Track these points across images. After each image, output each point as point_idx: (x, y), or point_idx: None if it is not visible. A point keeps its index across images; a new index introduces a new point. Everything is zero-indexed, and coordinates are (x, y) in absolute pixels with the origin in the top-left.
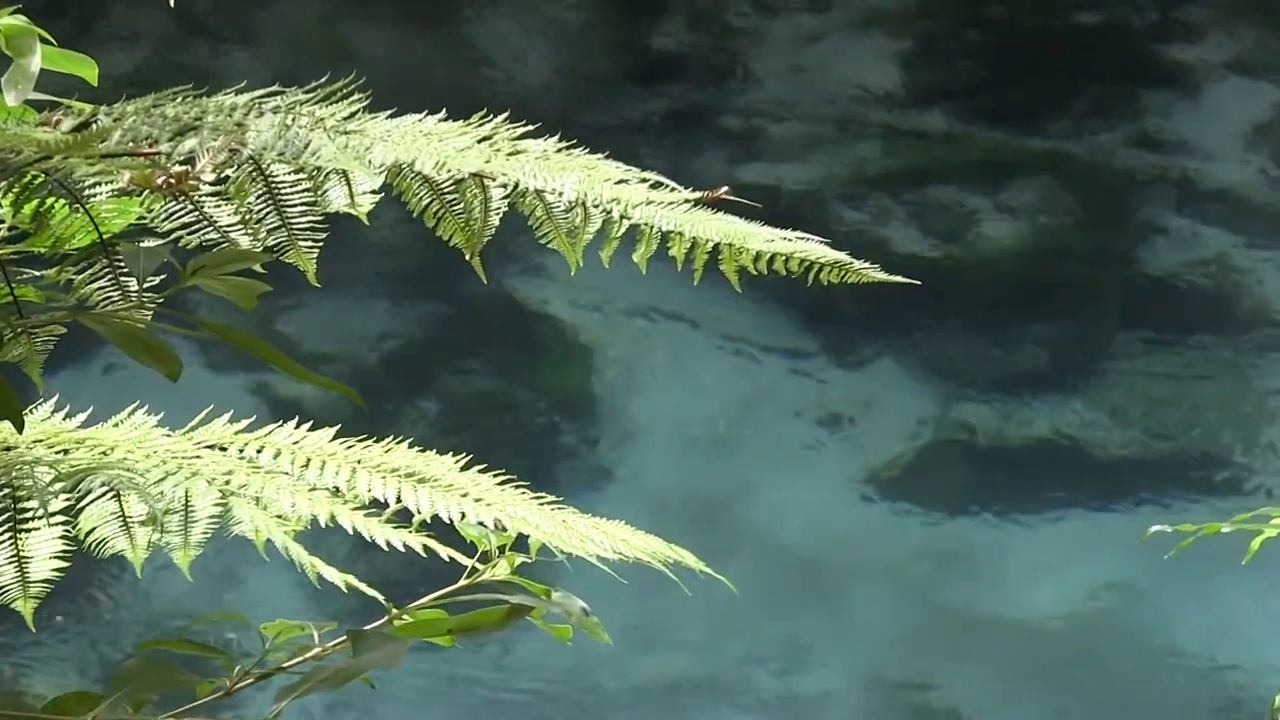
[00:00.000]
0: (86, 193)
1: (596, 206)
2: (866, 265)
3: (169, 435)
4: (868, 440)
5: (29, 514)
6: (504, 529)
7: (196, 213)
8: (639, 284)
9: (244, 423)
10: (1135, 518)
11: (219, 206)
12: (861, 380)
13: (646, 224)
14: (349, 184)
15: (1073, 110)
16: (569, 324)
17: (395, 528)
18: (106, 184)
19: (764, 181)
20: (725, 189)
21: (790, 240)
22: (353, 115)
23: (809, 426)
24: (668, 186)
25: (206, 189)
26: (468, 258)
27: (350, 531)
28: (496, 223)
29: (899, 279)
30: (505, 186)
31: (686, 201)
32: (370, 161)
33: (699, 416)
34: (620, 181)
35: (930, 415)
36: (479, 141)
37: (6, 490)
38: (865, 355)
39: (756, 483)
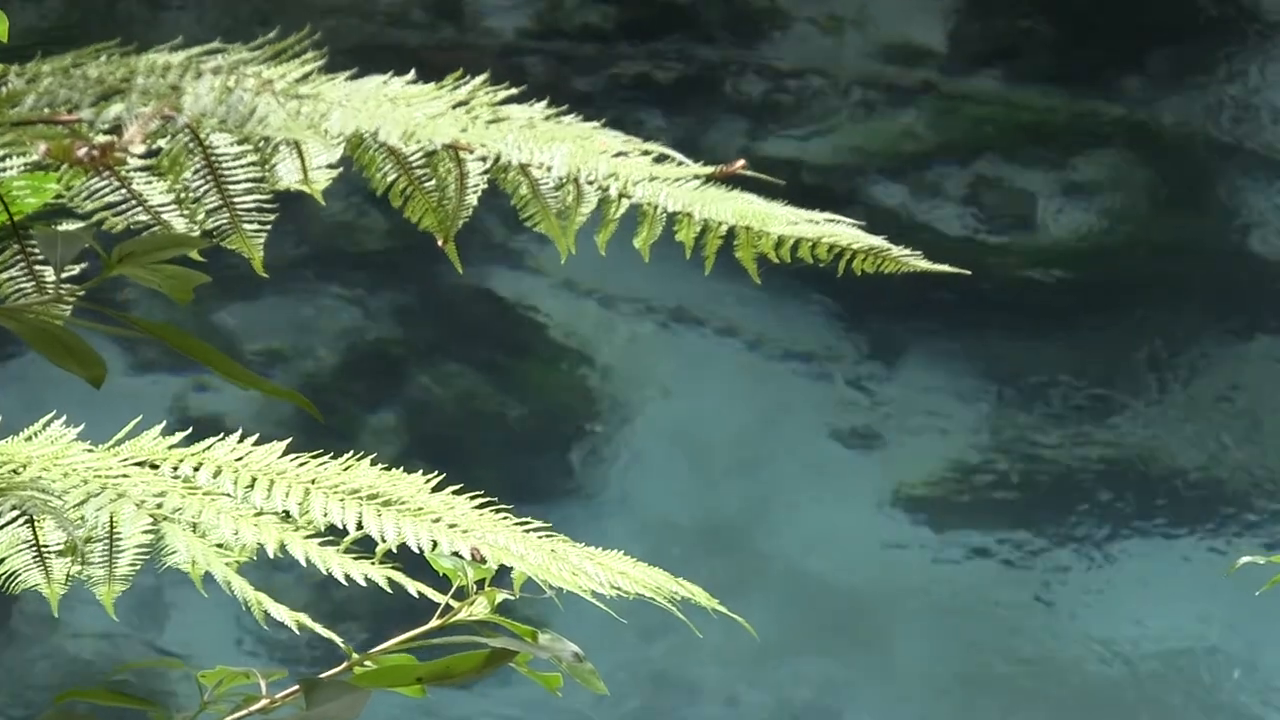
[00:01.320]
0: None
1: (591, 183)
2: (907, 252)
3: (91, 450)
4: (907, 458)
5: None
6: (483, 560)
7: (123, 190)
8: (640, 274)
9: (179, 435)
10: (1220, 548)
11: (150, 183)
12: (900, 389)
13: (649, 204)
14: (302, 157)
15: (1151, 71)
16: (558, 321)
17: (355, 558)
18: (18, 157)
19: (787, 155)
20: (742, 163)
21: (818, 223)
22: (306, 77)
23: (838, 442)
24: (674, 160)
25: (135, 163)
26: (440, 243)
27: (303, 563)
28: (474, 202)
29: (945, 268)
30: (484, 160)
31: (696, 177)
32: (326, 131)
33: (710, 429)
34: (619, 154)
35: (981, 430)
36: (454, 107)
37: None
38: (904, 360)
39: (777, 507)
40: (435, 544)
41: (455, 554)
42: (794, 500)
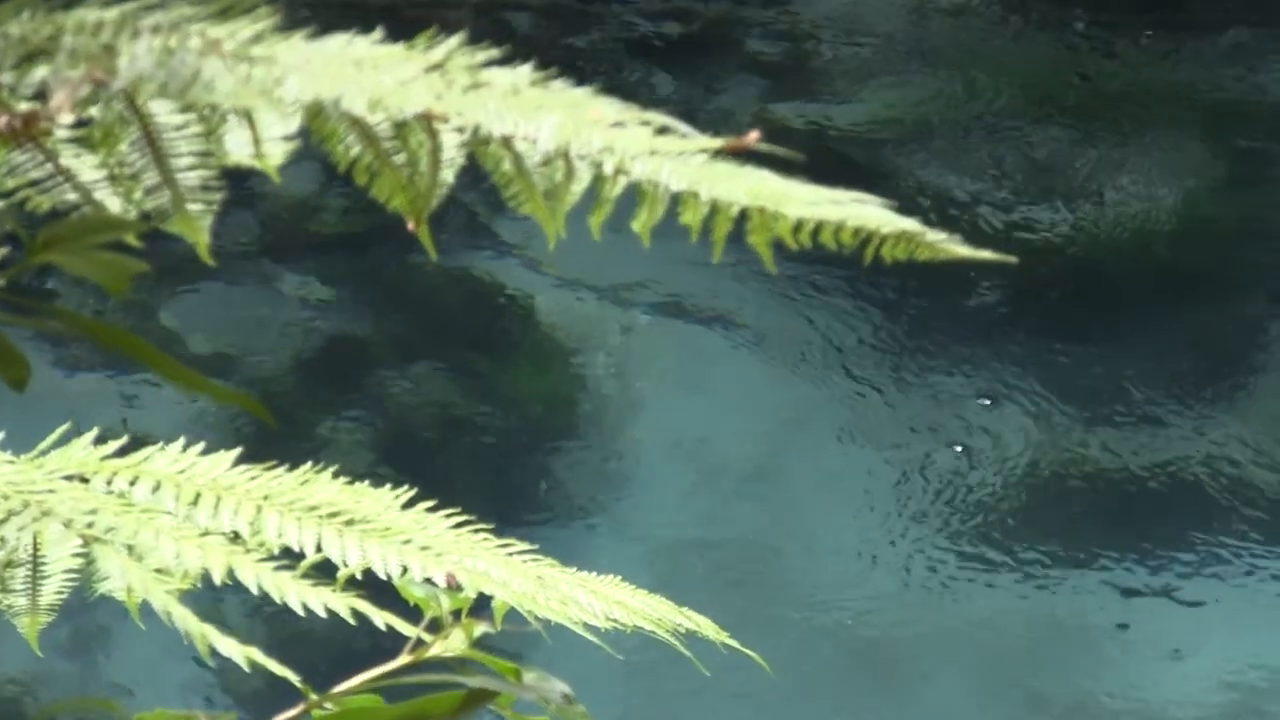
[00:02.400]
0: None
1: (583, 158)
2: (944, 237)
3: (12, 462)
4: (948, 473)
5: None
6: (459, 588)
7: (50, 165)
8: (640, 261)
9: (113, 445)
10: None
11: (80, 157)
12: (940, 394)
13: (650, 182)
14: (253, 127)
15: (1246, 19)
16: (546, 315)
17: (314, 585)
18: None
19: (808, 124)
20: (756, 134)
21: (842, 203)
22: (259, 37)
23: (868, 453)
24: (679, 131)
25: (63, 134)
26: (411, 226)
27: (254, 590)
28: (450, 179)
29: (987, 254)
30: (462, 131)
31: (704, 151)
32: (282, 98)
33: (720, 439)
34: (616, 125)
35: (1033, 441)
36: (427, 71)
37: None
38: (945, 361)
39: (797, 528)
40: (405, 569)
41: (428, 580)
42: (812, 519)
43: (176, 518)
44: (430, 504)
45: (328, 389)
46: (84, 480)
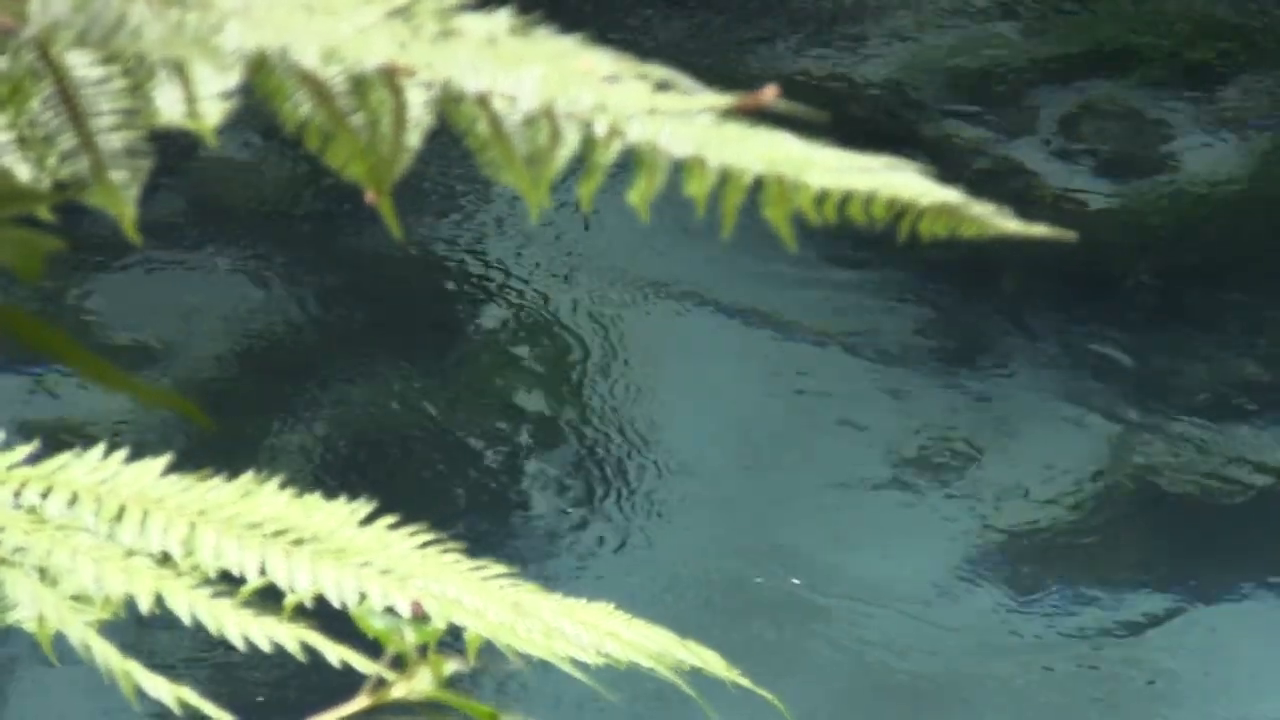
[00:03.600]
0: None
1: (571, 118)
2: (992, 210)
3: None
4: (995, 489)
5: None
6: (426, 617)
7: None
8: (637, 241)
9: (21, 451)
10: None
11: None
12: (985, 397)
13: (649, 145)
14: (187, 83)
15: None
16: (528, 302)
17: (257, 614)
18: None
19: (834, 78)
20: (773, 90)
21: (873, 170)
22: None
23: (905, 467)
24: (683, 87)
25: None
26: (371, 198)
27: (186, 620)
28: (417, 144)
29: (1044, 230)
30: (430, 87)
31: (712, 110)
32: (220, 48)
33: (732, 448)
34: (609, 79)
35: (1093, 450)
36: (390, 17)
37: None
38: (991, 358)
39: (823, 551)
40: (364, 596)
41: (390, 610)
42: (848, 545)
43: (97, 536)
44: (393, 520)
45: (274, 387)
46: None
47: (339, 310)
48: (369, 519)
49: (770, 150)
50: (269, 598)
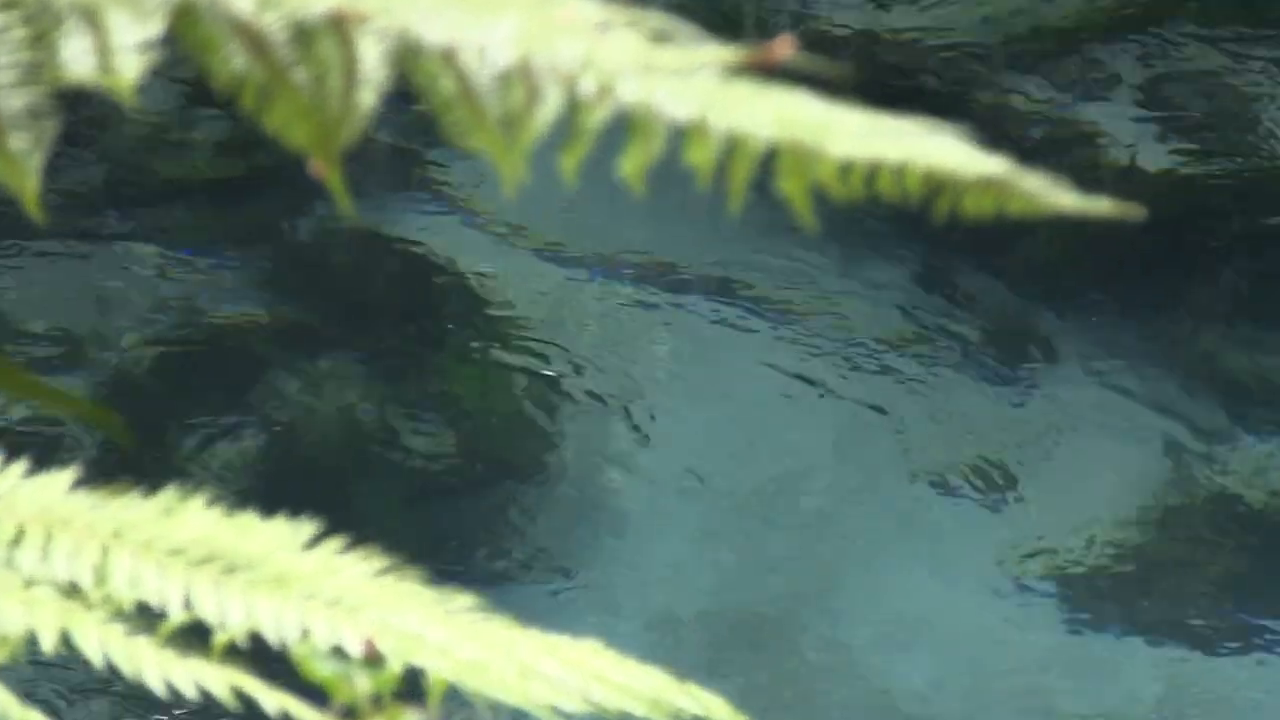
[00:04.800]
0: None
1: (552, 76)
2: (1047, 183)
3: None
4: (1046, 508)
5: None
6: (381, 658)
7: None
8: (630, 220)
9: None
10: None
11: None
12: (1033, 402)
13: (643, 107)
14: (99, 32)
15: None
16: (501, 292)
17: (181, 655)
18: None
19: (859, 29)
20: (789, 42)
21: (906, 135)
22: None
23: (938, 484)
24: (683, 38)
25: None
26: (316, 168)
27: (96, 661)
28: (373, 103)
29: (1107, 207)
30: (386, 37)
31: (717, 66)
32: None
33: (737, 462)
34: (597, 30)
35: (1161, 463)
36: None
37: None
38: (1039, 356)
39: (847, 579)
40: (307, 632)
41: (338, 649)
42: (876, 573)
43: None
44: (341, 544)
45: (203, 388)
46: None
47: (279, 299)
48: (313, 542)
49: (785, 113)
50: (195, 635)
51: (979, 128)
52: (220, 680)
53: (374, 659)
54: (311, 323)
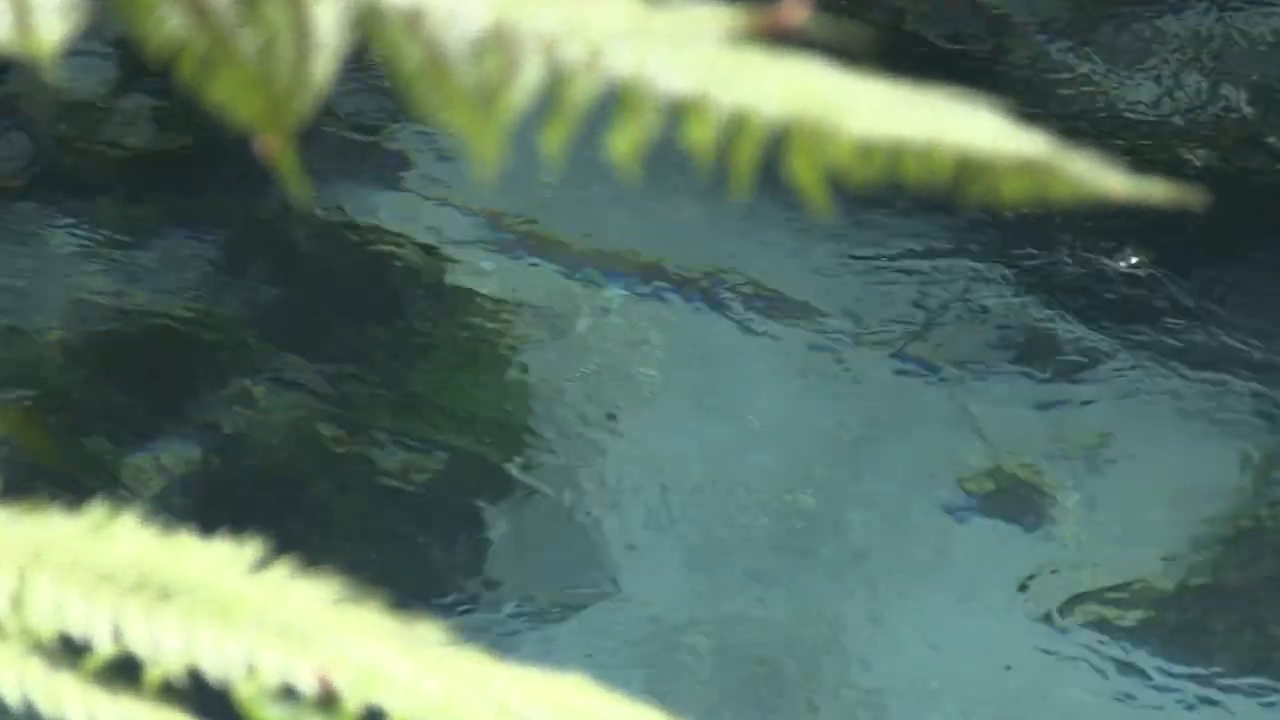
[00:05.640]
0: None
1: (532, 43)
2: (1097, 164)
3: None
4: (1080, 538)
5: None
6: (336, 696)
7: None
8: (619, 207)
9: None
10: None
11: None
12: (1075, 409)
13: (636, 80)
14: None
15: None
16: (477, 289)
17: (110, 693)
18: None
19: None
20: (801, 4)
21: (934, 112)
22: None
23: (969, 504)
24: (680, 2)
25: None
26: (266, 147)
27: (13, 701)
28: (328, 74)
29: (1163, 191)
30: None
31: (719, 31)
32: None
33: (741, 477)
34: None
35: (1222, 479)
36: None
37: None
38: (1081, 357)
39: (864, 617)
40: (254, 667)
41: (288, 686)
42: (897, 609)
43: None
44: (293, 566)
45: (135, 392)
46: None
47: (221, 293)
48: (261, 565)
49: (797, 85)
50: (126, 670)
51: (1017, 101)
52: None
53: (329, 697)
54: (260, 318)
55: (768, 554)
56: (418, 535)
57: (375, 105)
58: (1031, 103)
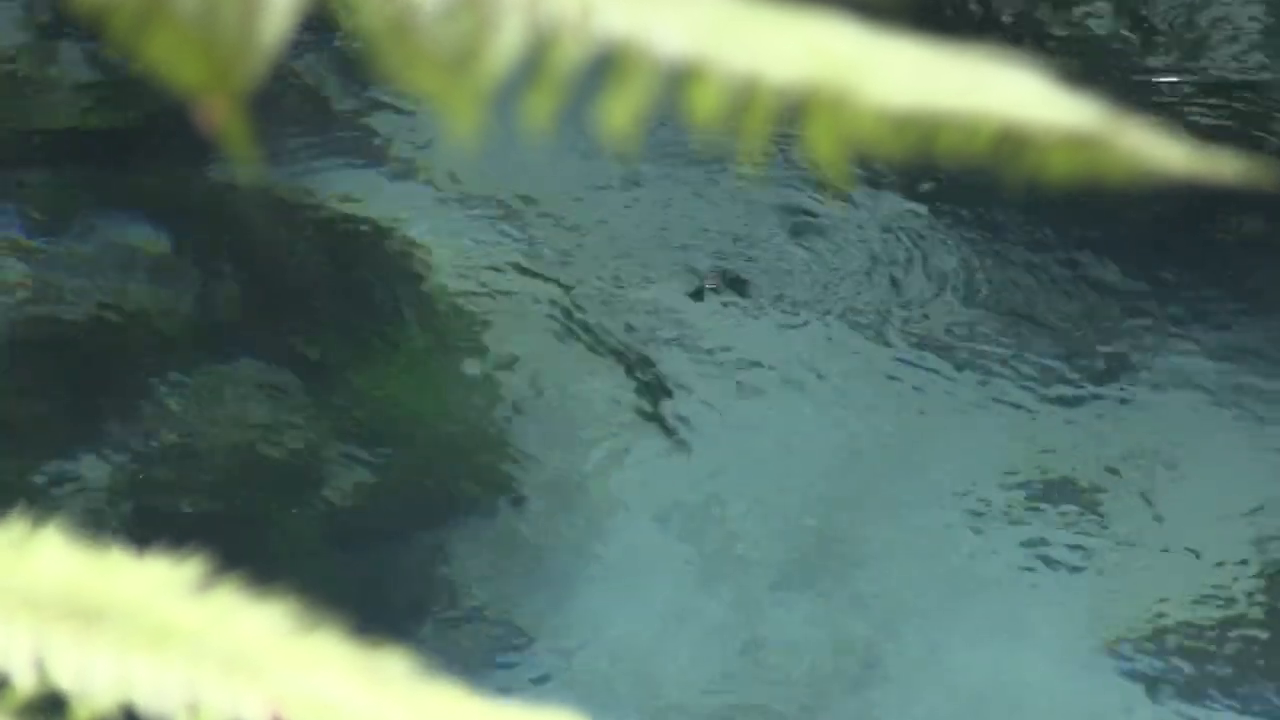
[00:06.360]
0: None
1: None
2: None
3: None
4: (1134, 560)
5: None
6: None
7: None
8: (610, 187)
9: None
10: None
11: None
12: (1134, 414)
13: (632, 42)
14: None
15: None
16: (447, 279)
17: None
18: None
19: None
20: None
21: (973, 76)
22: None
23: (1021, 518)
24: None
25: None
26: (210, 117)
27: None
28: (281, 33)
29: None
30: None
31: None
32: None
33: (740, 500)
34: None
35: None
36: None
37: None
38: (1142, 358)
39: (906, 639)
40: (195, 701)
41: None
42: (944, 632)
43: None
44: (241, 588)
45: (62, 397)
46: None
47: (159, 284)
48: (204, 586)
49: (814, 47)
50: (51, 707)
51: (1064, 64)
52: None
53: None
54: (204, 311)
55: (776, 586)
56: (381, 552)
57: (336, 70)
58: (1083, 66)
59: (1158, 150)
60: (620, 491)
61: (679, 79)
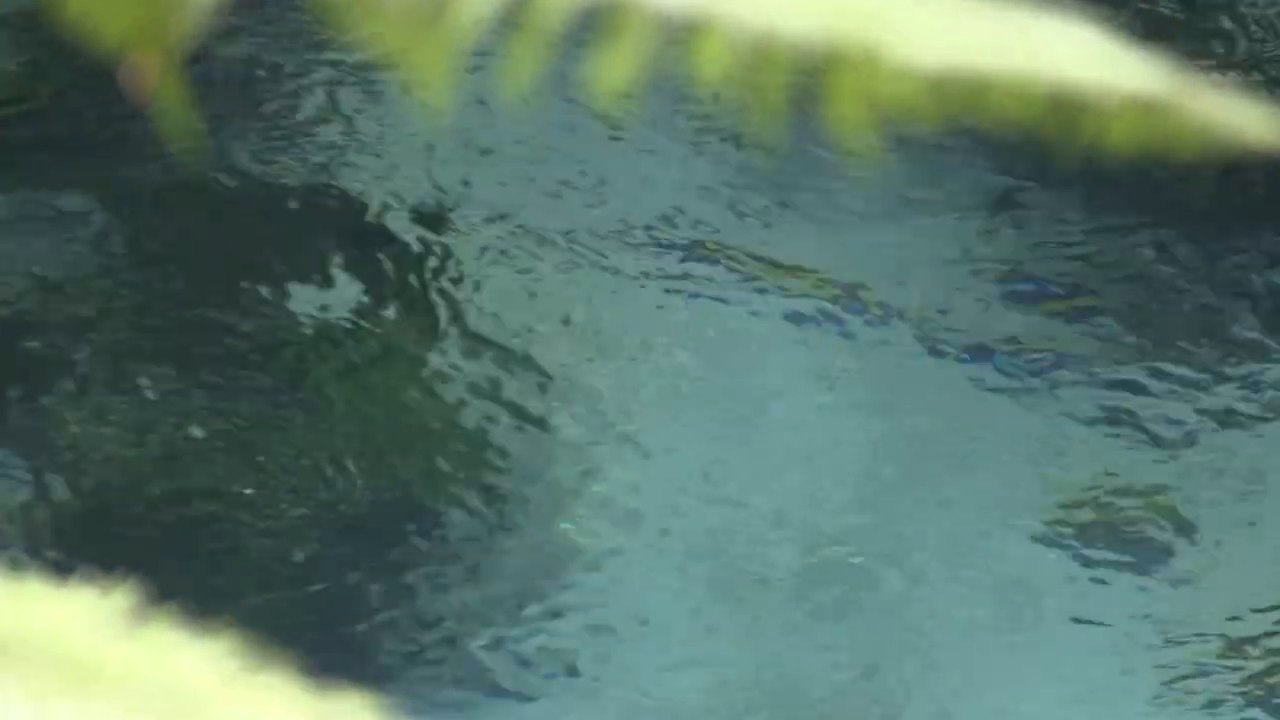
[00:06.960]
0: None
1: None
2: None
3: None
4: (1207, 591)
5: None
6: None
7: None
8: (607, 161)
9: None
10: None
11: None
12: (1190, 434)
13: None
14: None
15: None
16: (414, 263)
17: None
18: None
19: None
20: None
21: (1019, 30)
22: None
23: (1061, 550)
24: None
25: None
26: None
27: None
28: None
29: None
30: None
31: None
32: None
33: (753, 514)
34: None
35: None
36: None
37: None
38: (1207, 365)
39: (929, 687)
40: None
41: None
42: (974, 679)
43: None
44: (174, 618)
45: None
46: None
47: (92, 278)
48: (135, 618)
49: None
50: None
51: (1128, 19)
52: None
53: None
54: (141, 306)
55: (795, 610)
56: (326, 572)
57: (288, 31)
58: (1149, 25)
59: (1235, 119)
60: (617, 503)
61: (680, 34)
